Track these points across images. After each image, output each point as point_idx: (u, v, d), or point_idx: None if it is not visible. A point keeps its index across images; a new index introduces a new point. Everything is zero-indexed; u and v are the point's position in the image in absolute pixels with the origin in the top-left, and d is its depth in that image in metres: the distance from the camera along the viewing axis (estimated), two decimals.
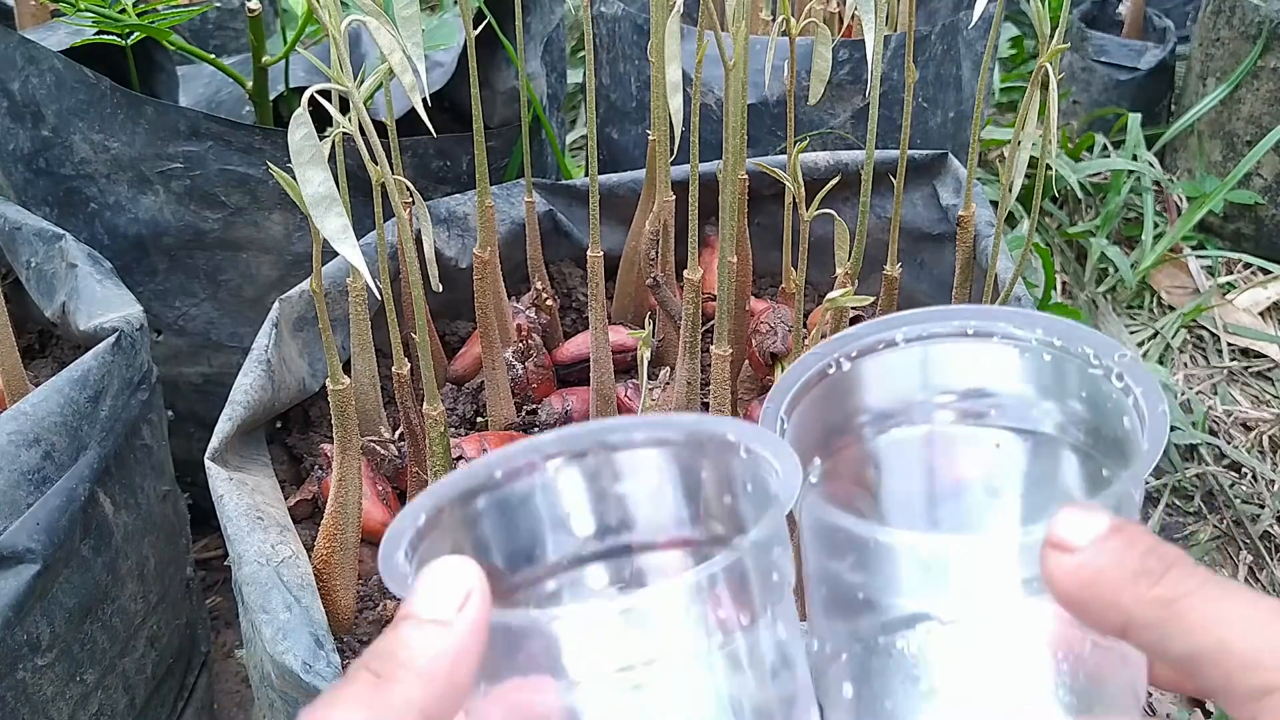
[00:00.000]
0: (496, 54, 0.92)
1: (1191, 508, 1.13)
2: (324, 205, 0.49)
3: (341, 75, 0.51)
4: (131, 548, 0.73)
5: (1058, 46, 0.61)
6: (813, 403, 0.38)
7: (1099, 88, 1.64)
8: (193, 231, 0.88)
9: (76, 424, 0.68)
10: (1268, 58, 1.40)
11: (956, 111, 1.07)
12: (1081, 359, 0.36)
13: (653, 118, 0.75)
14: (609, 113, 1.12)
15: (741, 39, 0.62)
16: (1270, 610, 0.29)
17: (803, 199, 0.65)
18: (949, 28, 1.02)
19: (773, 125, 0.99)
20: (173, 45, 0.88)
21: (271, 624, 0.54)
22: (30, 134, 0.87)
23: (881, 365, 0.37)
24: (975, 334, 0.36)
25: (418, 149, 0.88)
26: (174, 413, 0.86)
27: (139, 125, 0.85)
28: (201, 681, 0.86)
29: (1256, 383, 1.27)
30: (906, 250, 0.90)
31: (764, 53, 0.85)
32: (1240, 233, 1.47)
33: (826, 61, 0.73)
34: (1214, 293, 1.37)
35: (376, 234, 0.69)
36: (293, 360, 0.72)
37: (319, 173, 0.48)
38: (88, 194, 0.88)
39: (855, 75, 0.98)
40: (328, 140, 0.51)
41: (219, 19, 1.29)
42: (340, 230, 0.49)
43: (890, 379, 0.37)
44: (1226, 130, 1.47)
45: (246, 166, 0.85)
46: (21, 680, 0.65)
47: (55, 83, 0.85)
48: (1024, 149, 0.65)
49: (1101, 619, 0.31)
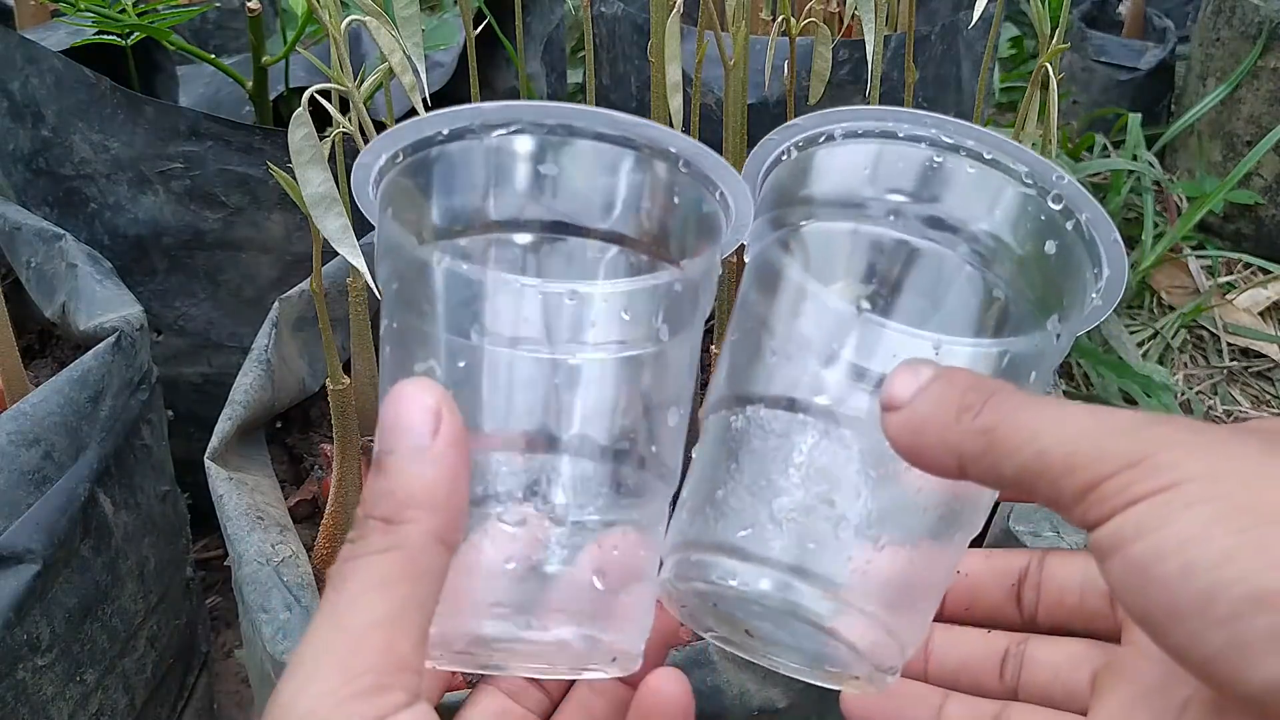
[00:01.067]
0: (496, 54, 0.92)
1: None
2: (324, 205, 0.49)
3: (341, 75, 0.51)
4: (131, 548, 0.73)
5: (1058, 46, 0.61)
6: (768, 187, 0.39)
7: (1099, 88, 1.64)
8: (192, 231, 0.88)
9: (76, 424, 0.68)
10: (1268, 58, 1.40)
11: (956, 111, 1.07)
12: (1013, 176, 0.35)
13: (653, 118, 0.75)
14: None
15: (741, 39, 0.62)
16: (1081, 411, 0.30)
17: None
18: (949, 28, 1.02)
19: (773, 125, 0.99)
20: (173, 45, 0.88)
21: (271, 624, 0.54)
22: (30, 134, 0.87)
23: (825, 157, 0.37)
24: (905, 138, 0.35)
25: None
26: (174, 413, 0.86)
27: (139, 125, 0.85)
28: (201, 681, 0.86)
29: (1256, 383, 1.27)
30: None
31: (764, 53, 0.85)
32: (1240, 233, 1.47)
33: (826, 61, 0.73)
34: (1214, 293, 1.37)
35: (376, 234, 0.69)
36: (292, 360, 0.72)
37: (319, 173, 0.48)
38: (87, 194, 0.88)
39: (855, 75, 0.98)
40: (328, 140, 0.51)
41: (219, 19, 1.29)
42: (340, 230, 0.49)
43: (832, 173, 0.37)
44: (1226, 130, 1.47)
45: (246, 166, 0.85)
46: (21, 680, 0.65)
47: (55, 83, 0.85)
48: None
49: (938, 463, 0.32)
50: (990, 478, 0.31)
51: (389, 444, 0.31)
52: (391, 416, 0.31)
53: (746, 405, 0.36)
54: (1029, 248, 0.35)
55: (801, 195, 0.37)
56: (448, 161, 0.35)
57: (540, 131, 0.34)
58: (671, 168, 0.36)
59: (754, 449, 0.35)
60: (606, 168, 0.35)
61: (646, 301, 0.35)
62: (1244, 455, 0.27)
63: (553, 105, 0.34)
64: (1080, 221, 0.35)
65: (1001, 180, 0.35)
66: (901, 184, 0.35)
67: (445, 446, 0.31)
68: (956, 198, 0.35)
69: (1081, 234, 0.35)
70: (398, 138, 0.36)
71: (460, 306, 0.34)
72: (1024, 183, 0.35)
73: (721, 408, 0.37)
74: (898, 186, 0.35)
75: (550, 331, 0.34)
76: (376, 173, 0.37)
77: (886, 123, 0.36)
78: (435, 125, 0.35)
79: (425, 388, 0.32)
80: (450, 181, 0.35)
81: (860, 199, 0.36)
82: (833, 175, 0.37)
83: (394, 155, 0.36)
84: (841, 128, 0.37)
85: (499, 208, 0.35)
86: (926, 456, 0.32)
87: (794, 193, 0.37)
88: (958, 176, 0.35)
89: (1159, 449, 0.28)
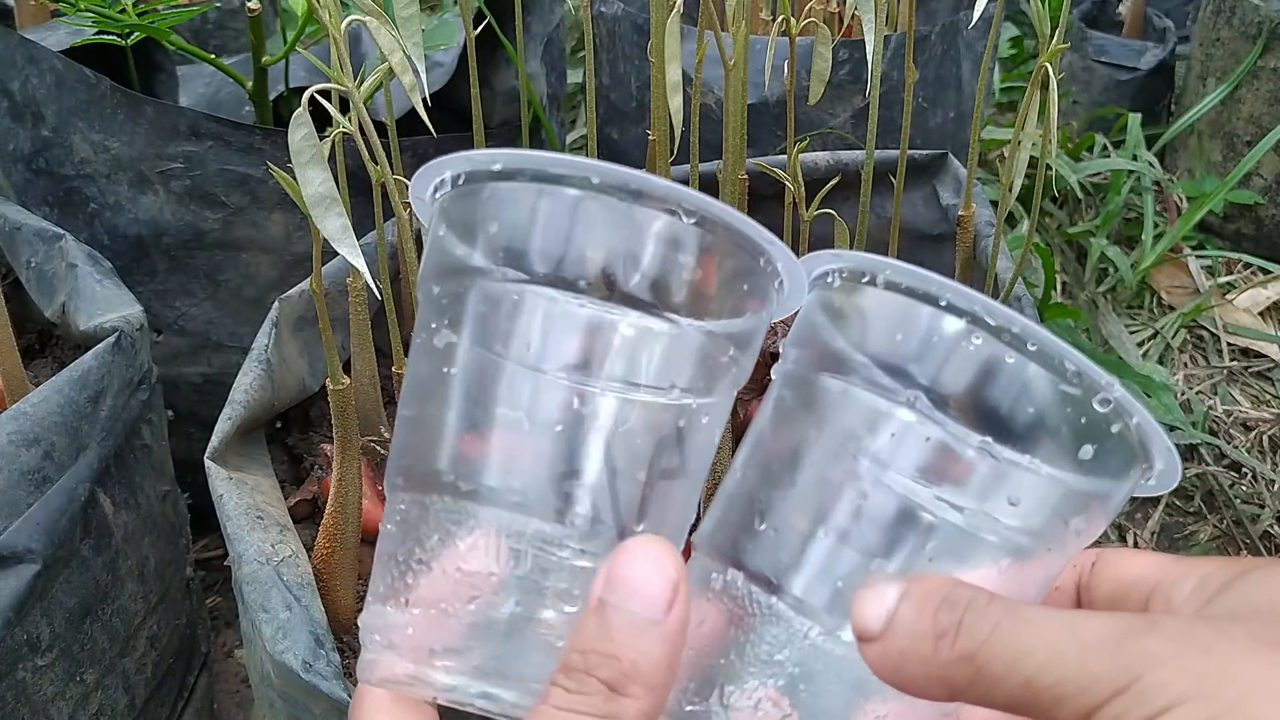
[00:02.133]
0: (496, 54, 0.92)
1: (1192, 508, 1.13)
2: (324, 205, 0.49)
3: (341, 75, 0.51)
4: (131, 548, 0.73)
5: (1058, 46, 0.61)
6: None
7: (1099, 88, 1.64)
8: (192, 231, 0.88)
9: (76, 424, 0.68)
10: (1267, 58, 1.40)
11: (957, 111, 1.07)
12: (1058, 373, 0.32)
13: (653, 118, 0.75)
14: (609, 113, 1.11)
15: (741, 39, 0.62)
16: (1059, 624, 0.28)
17: (803, 199, 0.65)
18: (949, 28, 1.02)
19: (773, 125, 0.99)
20: (173, 45, 0.88)
21: (271, 623, 0.54)
22: (30, 134, 0.87)
23: (864, 298, 0.36)
24: (948, 307, 0.33)
25: (418, 149, 0.88)
26: (174, 413, 0.86)
27: (139, 125, 0.85)
28: (201, 681, 0.86)
29: (1256, 383, 1.27)
30: (906, 250, 0.90)
31: (764, 53, 0.85)
32: (1240, 233, 1.47)
33: (826, 61, 0.73)
34: (1214, 293, 1.37)
35: (376, 234, 0.69)
36: (293, 360, 0.72)
37: (319, 173, 0.48)
38: (88, 194, 0.88)
39: (855, 75, 0.98)
40: (328, 140, 0.51)
41: (219, 19, 1.29)
42: (340, 230, 0.49)
43: (869, 318, 0.36)
44: (1226, 130, 1.47)
45: (246, 166, 0.85)
46: (21, 680, 0.65)
47: (55, 82, 0.85)
48: (1024, 149, 0.65)
49: (931, 694, 0.30)
50: (985, 704, 0.29)
51: (620, 598, 0.31)
52: (629, 573, 0.31)
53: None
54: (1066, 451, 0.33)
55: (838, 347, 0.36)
56: (520, 201, 0.35)
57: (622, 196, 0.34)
58: (723, 236, 0.35)
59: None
60: (669, 242, 0.34)
61: (697, 353, 0.35)
62: (1235, 661, 0.27)
63: (650, 180, 0.34)
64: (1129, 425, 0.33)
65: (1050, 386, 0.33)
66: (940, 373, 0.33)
67: (677, 627, 0.31)
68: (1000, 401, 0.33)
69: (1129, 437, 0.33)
70: (496, 160, 0.35)
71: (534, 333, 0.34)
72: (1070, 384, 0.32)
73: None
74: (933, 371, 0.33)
75: (600, 365, 0.34)
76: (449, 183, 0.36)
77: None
78: (515, 162, 0.34)
79: (667, 554, 0.31)
80: (532, 225, 0.35)
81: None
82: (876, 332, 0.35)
83: (491, 173, 0.35)
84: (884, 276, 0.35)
85: (569, 264, 0.34)
86: (919, 690, 0.30)
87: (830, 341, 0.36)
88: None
89: (1146, 669, 0.27)
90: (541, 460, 0.34)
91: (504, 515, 0.34)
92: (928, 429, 0.33)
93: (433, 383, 0.35)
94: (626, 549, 0.31)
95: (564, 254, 0.34)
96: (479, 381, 0.35)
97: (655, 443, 0.35)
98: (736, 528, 0.35)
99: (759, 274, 0.36)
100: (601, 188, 0.34)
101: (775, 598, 0.33)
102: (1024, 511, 0.33)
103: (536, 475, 0.34)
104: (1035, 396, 0.32)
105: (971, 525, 0.33)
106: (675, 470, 0.36)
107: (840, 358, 0.35)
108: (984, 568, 0.33)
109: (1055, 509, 0.33)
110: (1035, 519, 0.33)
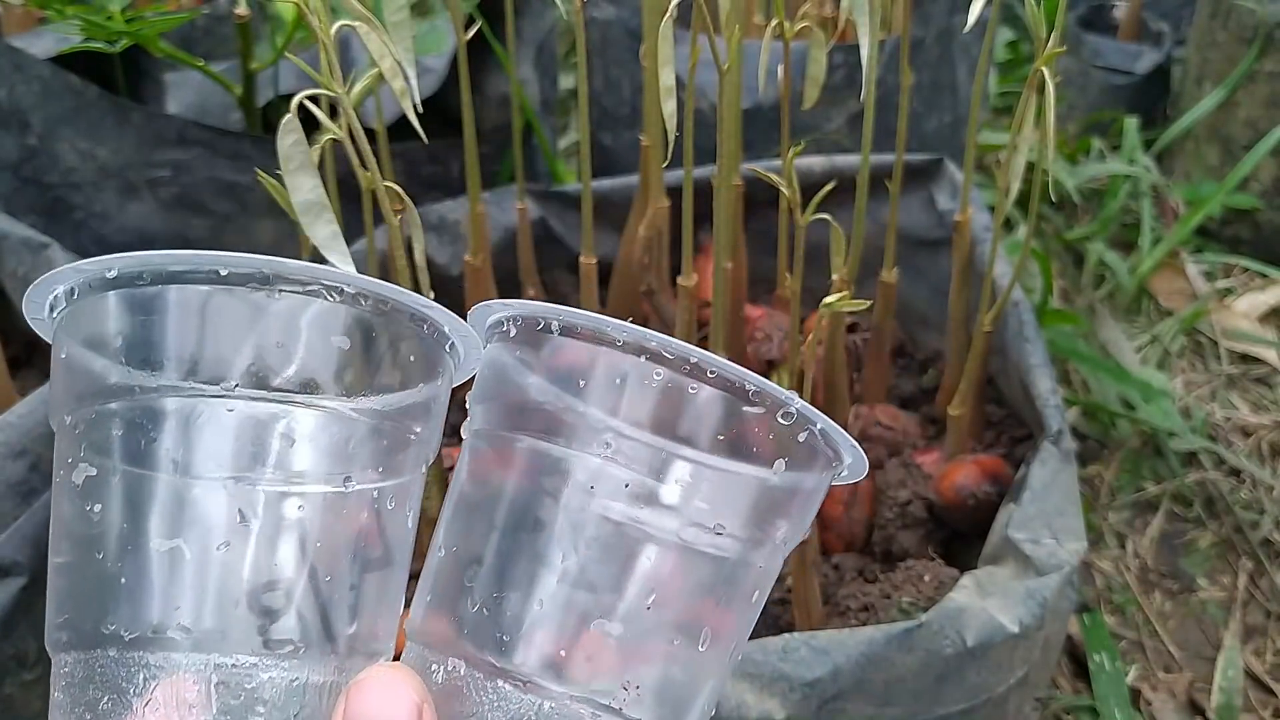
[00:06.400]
0: (488, 59, 0.91)
1: (1191, 514, 1.12)
2: (314, 212, 0.48)
3: (331, 81, 0.50)
4: None
5: (1054, 50, 0.61)
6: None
7: (1095, 91, 1.64)
8: (181, 239, 0.87)
9: None
10: (1264, 61, 1.39)
11: (953, 115, 1.07)
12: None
13: (646, 123, 0.75)
14: (602, 118, 1.11)
15: (735, 43, 0.61)
16: None
17: (798, 204, 0.64)
18: (945, 31, 1.01)
19: (767, 130, 0.99)
20: (160, 51, 0.87)
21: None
22: (16, 142, 0.86)
23: (543, 344, 0.35)
24: (624, 346, 0.33)
25: (408, 155, 0.87)
26: None
27: (126, 132, 0.84)
28: None
29: (1255, 388, 1.27)
30: (903, 255, 0.89)
31: (758, 57, 0.85)
32: (1238, 237, 1.47)
33: (821, 66, 0.72)
34: (1212, 297, 1.37)
35: (367, 241, 0.68)
36: None
37: (308, 179, 0.48)
38: (74, 202, 0.87)
39: (850, 79, 0.98)
40: (317, 146, 0.50)
41: (207, 25, 1.28)
42: (330, 237, 0.48)
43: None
44: (1223, 134, 1.47)
45: (235, 173, 0.85)
46: (9, 695, 0.64)
47: (42, 90, 0.84)
48: (1021, 153, 0.65)
49: None
50: None
51: None
52: (372, 707, 0.30)
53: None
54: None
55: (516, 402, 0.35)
56: (166, 305, 0.32)
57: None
58: (385, 314, 0.34)
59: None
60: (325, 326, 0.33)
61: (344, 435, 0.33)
62: None
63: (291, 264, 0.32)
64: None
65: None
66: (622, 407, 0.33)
67: None
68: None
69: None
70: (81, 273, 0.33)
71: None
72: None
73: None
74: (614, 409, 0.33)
75: (255, 461, 0.32)
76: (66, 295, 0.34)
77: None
78: (134, 264, 0.32)
79: (402, 679, 0.31)
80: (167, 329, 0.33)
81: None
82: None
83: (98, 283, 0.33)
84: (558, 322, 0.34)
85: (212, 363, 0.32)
86: None
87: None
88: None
89: None
90: (220, 583, 0.31)
91: (193, 657, 0.31)
92: (620, 472, 0.33)
93: (79, 524, 0.32)
94: (359, 685, 0.31)
95: (202, 356, 0.32)
96: (129, 512, 0.32)
97: (351, 538, 0.33)
98: (448, 609, 0.34)
99: (424, 340, 0.35)
100: (231, 279, 0.32)
101: (500, 680, 0.32)
102: (729, 517, 0.34)
103: (220, 602, 0.31)
104: (724, 418, 0.33)
105: (685, 540, 0.33)
106: (378, 561, 0.34)
107: (526, 408, 0.34)
108: (701, 582, 0.34)
109: (757, 510, 0.34)
110: (739, 523, 0.34)
